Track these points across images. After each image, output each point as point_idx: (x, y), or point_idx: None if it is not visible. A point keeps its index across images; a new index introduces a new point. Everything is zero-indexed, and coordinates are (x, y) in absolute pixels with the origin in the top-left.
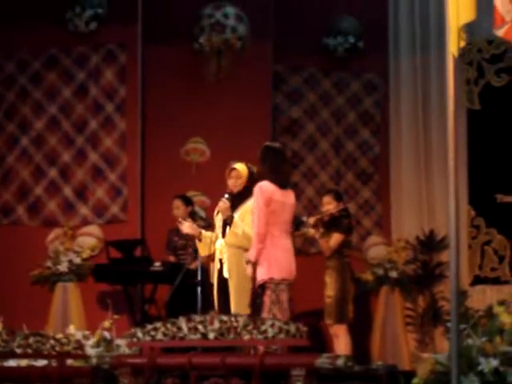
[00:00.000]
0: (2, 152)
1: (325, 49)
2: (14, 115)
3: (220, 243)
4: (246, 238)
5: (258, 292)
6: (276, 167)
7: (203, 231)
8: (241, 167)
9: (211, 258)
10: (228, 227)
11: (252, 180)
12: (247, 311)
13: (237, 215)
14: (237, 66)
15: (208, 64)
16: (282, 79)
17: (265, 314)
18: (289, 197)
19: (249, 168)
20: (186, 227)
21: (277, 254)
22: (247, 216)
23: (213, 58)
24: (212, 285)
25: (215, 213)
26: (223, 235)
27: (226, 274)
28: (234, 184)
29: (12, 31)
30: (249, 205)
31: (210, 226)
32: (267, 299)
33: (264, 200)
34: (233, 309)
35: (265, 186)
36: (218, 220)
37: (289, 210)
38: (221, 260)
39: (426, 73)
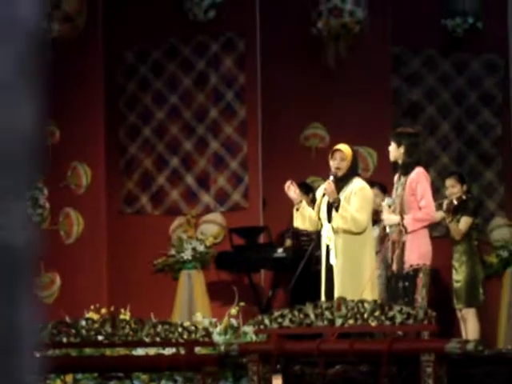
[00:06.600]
0: (124, 142)
1: (443, 30)
2: (136, 105)
3: (327, 229)
4: (354, 223)
5: (409, 275)
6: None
7: (304, 203)
8: (345, 148)
9: None
10: (334, 211)
11: (355, 162)
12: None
13: (342, 198)
14: (355, 49)
15: (326, 49)
16: (401, 62)
17: (418, 297)
18: None
19: (353, 150)
20: (292, 190)
21: (427, 240)
22: (353, 199)
23: (331, 43)
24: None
25: (320, 195)
26: (329, 220)
27: (332, 261)
28: (338, 165)
29: (132, 22)
30: (354, 187)
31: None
32: (420, 282)
33: (429, 185)
34: (336, 296)
35: (425, 172)
36: (323, 203)
37: None
38: (328, 246)
39: None
